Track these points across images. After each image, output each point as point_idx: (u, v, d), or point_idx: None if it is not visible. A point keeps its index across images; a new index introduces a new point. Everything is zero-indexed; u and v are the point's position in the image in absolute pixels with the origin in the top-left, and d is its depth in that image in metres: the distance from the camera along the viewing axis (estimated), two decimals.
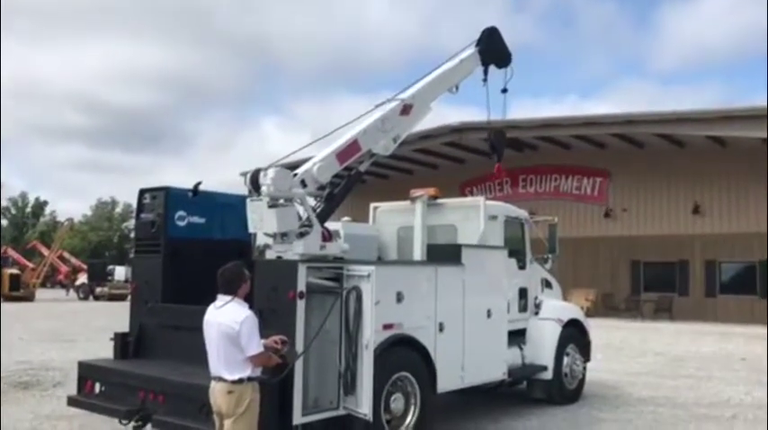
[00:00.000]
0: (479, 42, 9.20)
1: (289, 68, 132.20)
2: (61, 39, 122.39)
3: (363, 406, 6.50)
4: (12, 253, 51.26)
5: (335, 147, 7.56)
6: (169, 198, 7.89)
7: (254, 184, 6.90)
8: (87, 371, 7.57)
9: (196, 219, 8.04)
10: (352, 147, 7.67)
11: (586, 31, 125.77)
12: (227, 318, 5.22)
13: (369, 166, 8.28)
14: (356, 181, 8.13)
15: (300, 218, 6.97)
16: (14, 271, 43.99)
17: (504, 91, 9.44)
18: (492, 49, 9.25)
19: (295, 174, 7.04)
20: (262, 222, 6.87)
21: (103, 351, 8.81)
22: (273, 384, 5.81)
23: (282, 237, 6.87)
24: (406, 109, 8.23)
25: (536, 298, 10.26)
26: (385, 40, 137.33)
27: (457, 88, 8.96)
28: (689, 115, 25.65)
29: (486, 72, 9.29)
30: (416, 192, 9.38)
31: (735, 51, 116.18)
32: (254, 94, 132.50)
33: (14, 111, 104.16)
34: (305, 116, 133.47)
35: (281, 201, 6.83)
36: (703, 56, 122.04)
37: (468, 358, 8.07)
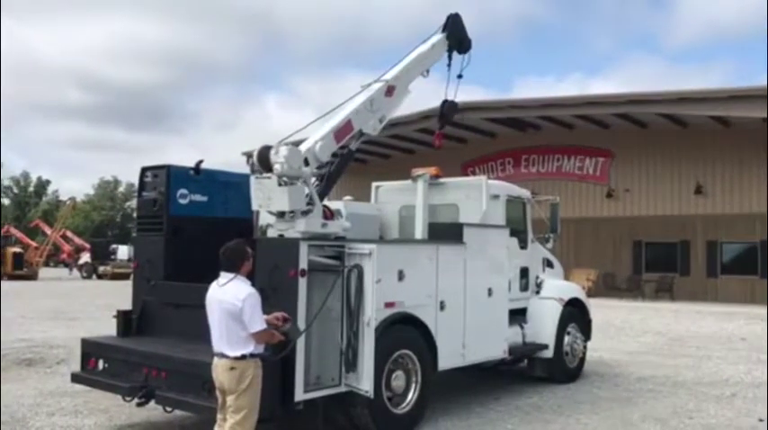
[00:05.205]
0: (445, 28, 9.23)
1: (292, 44, 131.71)
2: (60, 14, 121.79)
3: (365, 383, 6.55)
4: (14, 231, 51.31)
5: (333, 126, 7.58)
6: (171, 176, 7.88)
7: (263, 162, 6.87)
8: (91, 349, 7.62)
9: (198, 198, 8.04)
10: (347, 126, 7.75)
11: (595, 7, 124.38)
12: (229, 296, 5.25)
13: (358, 146, 8.36)
14: (349, 160, 8.17)
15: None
16: (17, 249, 44.09)
17: (460, 77, 9.46)
18: (455, 35, 9.30)
19: None
20: (270, 200, 6.85)
21: (107, 329, 8.85)
22: (276, 361, 5.86)
23: (288, 215, 6.87)
24: (390, 90, 8.36)
25: (537, 277, 10.30)
26: (390, 14, 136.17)
27: (428, 72, 9.04)
28: (692, 95, 25.44)
29: (450, 57, 9.35)
30: (418, 171, 9.38)
31: (748, 29, 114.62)
32: (257, 70, 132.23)
33: (14, 89, 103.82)
34: (308, 93, 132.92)
35: (285, 179, 6.83)
36: (716, 33, 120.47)
37: (468, 336, 8.12)
